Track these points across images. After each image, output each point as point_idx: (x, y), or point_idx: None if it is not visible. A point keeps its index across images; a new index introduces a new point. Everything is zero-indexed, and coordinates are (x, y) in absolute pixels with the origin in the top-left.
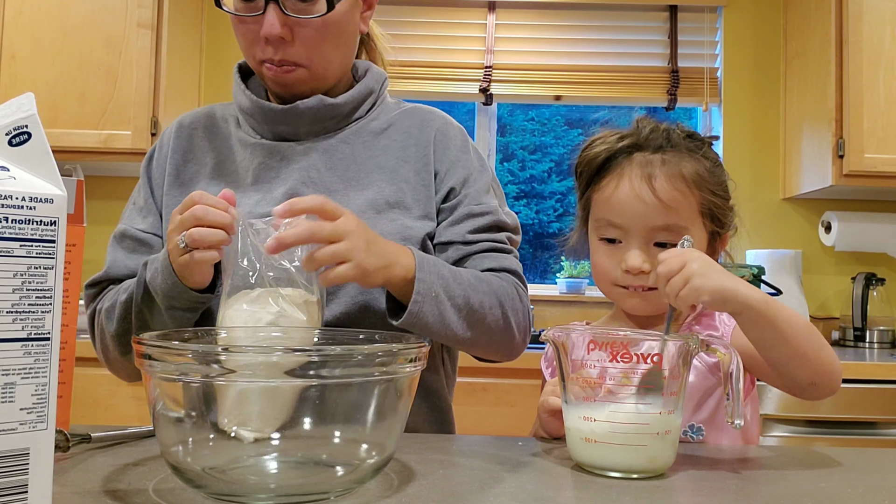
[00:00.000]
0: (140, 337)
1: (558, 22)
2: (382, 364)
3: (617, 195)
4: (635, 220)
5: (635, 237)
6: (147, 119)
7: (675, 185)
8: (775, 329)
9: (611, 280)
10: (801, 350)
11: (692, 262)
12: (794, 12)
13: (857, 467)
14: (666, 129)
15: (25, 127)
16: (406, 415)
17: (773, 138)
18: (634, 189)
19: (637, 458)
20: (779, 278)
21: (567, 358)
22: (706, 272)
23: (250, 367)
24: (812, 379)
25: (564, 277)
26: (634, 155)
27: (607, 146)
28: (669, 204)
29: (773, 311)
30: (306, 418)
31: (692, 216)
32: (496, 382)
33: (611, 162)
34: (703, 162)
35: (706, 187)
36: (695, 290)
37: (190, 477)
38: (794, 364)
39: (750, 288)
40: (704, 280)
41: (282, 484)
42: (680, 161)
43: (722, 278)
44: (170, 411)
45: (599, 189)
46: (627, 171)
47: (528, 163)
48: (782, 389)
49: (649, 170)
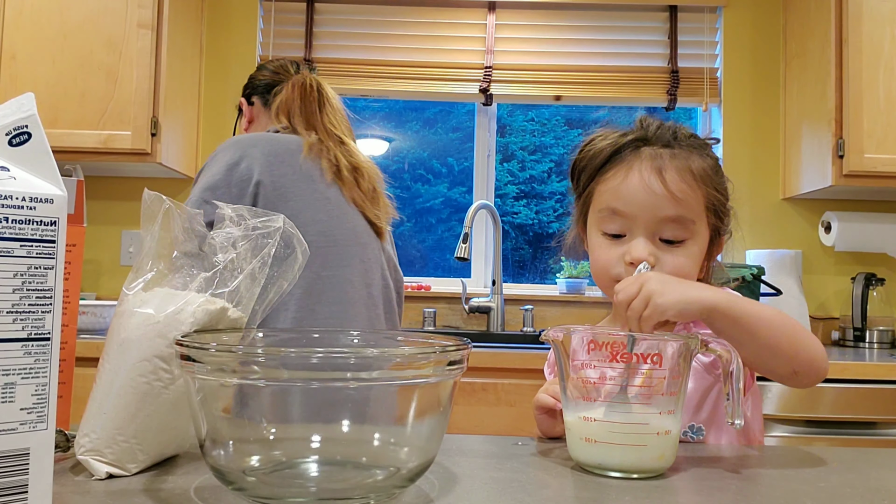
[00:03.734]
0: (181, 339)
1: (558, 22)
2: (422, 366)
3: (625, 184)
4: (643, 210)
5: (641, 228)
6: (147, 119)
7: (684, 178)
8: (744, 327)
9: (612, 276)
10: (774, 343)
11: (648, 283)
12: (794, 12)
13: (857, 467)
14: (672, 126)
15: (25, 127)
16: (447, 417)
17: (773, 138)
18: (644, 179)
19: (637, 458)
20: (779, 278)
21: (567, 358)
22: (664, 289)
23: (289, 368)
24: (793, 369)
25: (564, 277)
26: (642, 149)
27: (611, 141)
28: (679, 196)
29: (739, 309)
30: (345, 420)
31: (699, 210)
32: (496, 382)
33: (616, 155)
34: (707, 160)
35: (712, 184)
36: (657, 308)
37: (231, 479)
38: (770, 358)
39: (712, 291)
40: (665, 297)
41: (322, 487)
42: (689, 156)
43: (681, 290)
44: (211, 413)
45: (605, 180)
46: (637, 163)
47: (528, 163)
48: (766, 377)
49: (659, 162)
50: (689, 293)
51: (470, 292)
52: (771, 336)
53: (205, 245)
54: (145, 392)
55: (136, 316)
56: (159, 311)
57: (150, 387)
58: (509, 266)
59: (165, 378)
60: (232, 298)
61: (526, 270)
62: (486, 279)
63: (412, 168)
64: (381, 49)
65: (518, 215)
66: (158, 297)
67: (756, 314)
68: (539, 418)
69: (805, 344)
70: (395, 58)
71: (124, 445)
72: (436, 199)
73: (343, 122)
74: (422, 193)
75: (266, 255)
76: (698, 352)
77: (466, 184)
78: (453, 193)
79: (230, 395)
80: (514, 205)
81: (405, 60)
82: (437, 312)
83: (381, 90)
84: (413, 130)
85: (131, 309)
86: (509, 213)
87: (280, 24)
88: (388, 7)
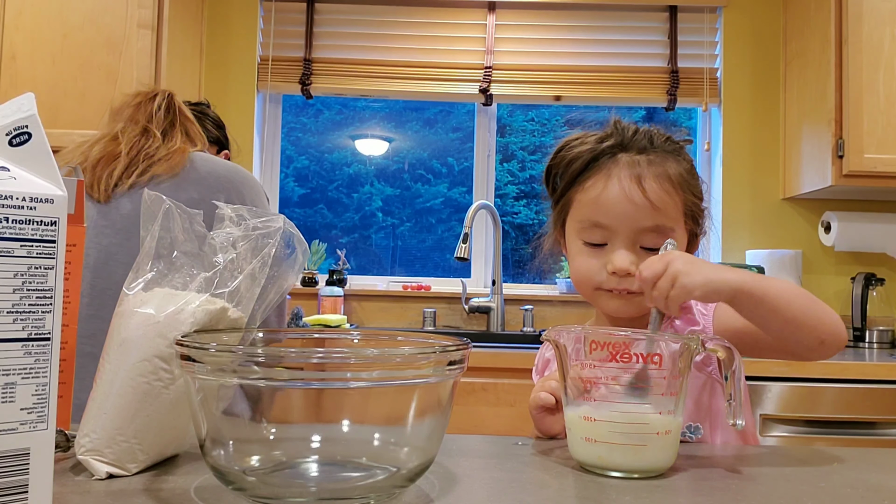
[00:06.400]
0: (181, 339)
1: (558, 22)
2: (422, 366)
3: (605, 195)
4: (623, 221)
5: (622, 238)
6: None
7: (662, 186)
8: (770, 304)
9: (594, 284)
10: (800, 316)
11: (675, 262)
12: (794, 12)
13: (857, 467)
14: (647, 131)
15: (25, 127)
16: (447, 417)
17: (773, 138)
18: (624, 189)
19: (637, 458)
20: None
21: (567, 358)
22: (691, 269)
23: (289, 368)
24: (819, 338)
25: (564, 277)
26: (619, 156)
27: (589, 146)
28: (658, 205)
29: (764, 287)
30: (345, 420)
31: (677, 217)
32: (496, 382)
33: (594, 163)
34: (683, 164)
35: (688, 189)
36: (684, 289)
37: (231, 479)
38: (797, 330)
39: (735, 272)
40: (691, 277)
41: (322, 487)
42: (665, 162)
43: (707, 271)
44: (211, 413)
45: (584, 190)
46: (615, 172)
47: (528, 163)
48: (788, 358)
49: (637, 170)
50: (715, 275)
51: (470, 292)
52: (796, 308)
53: (205, 245)
54: (145, 392)
55: (136, 316)
56: (159, 311)
57: (151, 387)
58: (509, 266)
59: (165, 378)
60: (232, 298)
61: (526, 270)
62: (486, 279)
63: (412, 168)
64: (381, 49)
65: (518, 215)
66: (158, 297)
67: (780, 290)
68: (537, 417)
69: (825, 312)
70: (395, 58)
71: (124, 445)
72: (436, 199)
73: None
74: (422, 193)
75: (266, 255)
76: (699, 352)
77: (466, 184)
78: (453, 193)
79: (230, 395)
80: (514, 205)
81: (405, 60)
82: (437, 312)
83: (381, 90)
84: (413, 130)
85: (131, 309)
86: (509, 213)
87: (280, 24)
88: (388, 7)
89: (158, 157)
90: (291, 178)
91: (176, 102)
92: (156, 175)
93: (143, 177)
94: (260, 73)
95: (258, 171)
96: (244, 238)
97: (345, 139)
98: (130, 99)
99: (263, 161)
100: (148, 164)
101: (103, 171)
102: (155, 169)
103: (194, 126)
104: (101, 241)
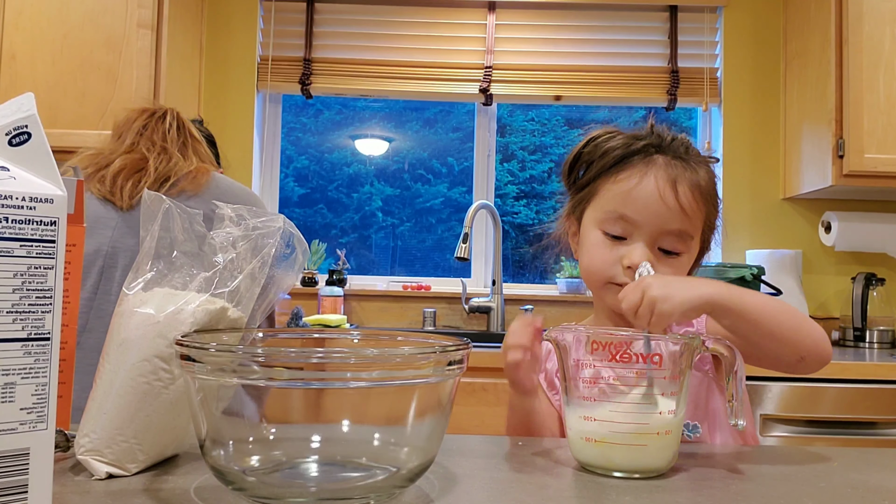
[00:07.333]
0: (181, 338)
1: (558, 22)
2: (422, 366)
3: (638, 190)
4: (650, 219)
5: (644, 235)
6: None
7: (693, 194)
8: (748, 318)
9: (606, 277)
10: (780, 332)
11: (650, 289)
12: (794, 12)
13: (857, 467)
14: (683, 139)
15: (25, 127)
16: (447, 417)
17: (773, 138)
18: (658, 189)
19: (637, 458)
20: (779, 278)
21: (568, 358)
22: (667, 293)
23: (289, 368)
24: (799, 355)
25: (564, 277)
26: (656, 156)
27: (623, 141)
28: (687, 211)
29: (742, 301)
30: (345, 420)
31: (699, 227)
32: (496, 382)
33: (629, 158)
34: (712, 178)
35: (712, 203)
36: (662, 315)
37: (231, 479)
38: (777, 345)
39: (713, 286)
40: (668, 303)
41: (322, 487)
42: (698, 172)
43: (683, 291)
44: (211, 413)
45: (616, 181)
46: (652, 170)
47: (528, 163)
48: (771, 368)
49: (674, 173)
50: (691, 293)
51: (470, 292)
52: (775, 324)
53: (205, 245)
54: (145, 392)
55: (136, 316)
56: (159, 311)
57: (150, 387)
58: (509, 266)
59: (165, 378)
60: (232, 298)
61: (526, 270)
62: (486, 279)
63: (412, 168)
64: (381, 49)
65: (518, 215)
66: (158, 297)
67: (758, 304)
68: (514, 377)
69: (808, 329)
70: (395, 58)
71: (124, 445)
72: (436, 199)
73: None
74: (422, 193)
75: (266, 255)
76: (700, 352)
77: (466, 184)
78: (453, 193)
79: (230, 395)
80: (515, 205)
81: (405, 60)
82: (437, 312)
83: (381, 90)
84: (413, 130)
85: (131, 309)
86: (509, 213)
87: (280, 24)
88: (388, 7)
89: (184, 173)
90: (291, 178)
91: (185, 123)
92: (184, 190)
93: (172, 191)
94: (260, 72)
95: (258, 170)
96: (244, 238)
97: (345, 139)
98: (135, 114)
99: (263, 161)
100: (176, 179)
101: (126, 182)
102: (182, 185)
103: (201, 146)
104: (126, 241)
